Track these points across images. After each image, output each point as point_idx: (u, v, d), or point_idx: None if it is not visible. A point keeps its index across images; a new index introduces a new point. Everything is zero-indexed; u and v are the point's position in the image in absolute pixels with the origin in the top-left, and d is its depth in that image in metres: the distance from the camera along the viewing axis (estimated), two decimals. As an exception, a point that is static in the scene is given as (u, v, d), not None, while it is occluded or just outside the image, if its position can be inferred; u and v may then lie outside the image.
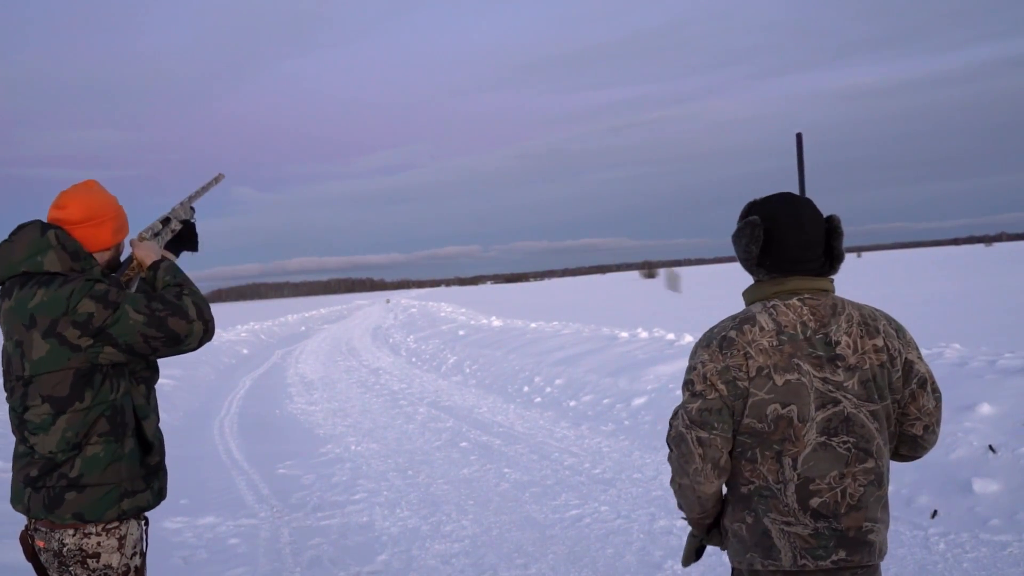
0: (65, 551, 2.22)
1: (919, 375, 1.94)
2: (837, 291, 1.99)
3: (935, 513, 4.56)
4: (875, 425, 1.87)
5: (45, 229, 2.28)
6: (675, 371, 8.75)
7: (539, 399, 9.70)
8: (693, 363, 1.93)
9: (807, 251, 1.93)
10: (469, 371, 12.91)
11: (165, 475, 2.45)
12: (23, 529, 2.32)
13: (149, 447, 2.34)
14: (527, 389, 10.32)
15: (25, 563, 2.33)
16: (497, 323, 19.40)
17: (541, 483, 5.94)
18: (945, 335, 10.11)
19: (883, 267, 61.77)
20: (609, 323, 16.46)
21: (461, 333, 18.02)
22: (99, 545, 2.23)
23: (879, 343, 1.89)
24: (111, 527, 2.25)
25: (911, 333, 2.03)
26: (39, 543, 2.26)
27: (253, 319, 37.03)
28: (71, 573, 2.22)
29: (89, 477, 2.21)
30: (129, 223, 2.51)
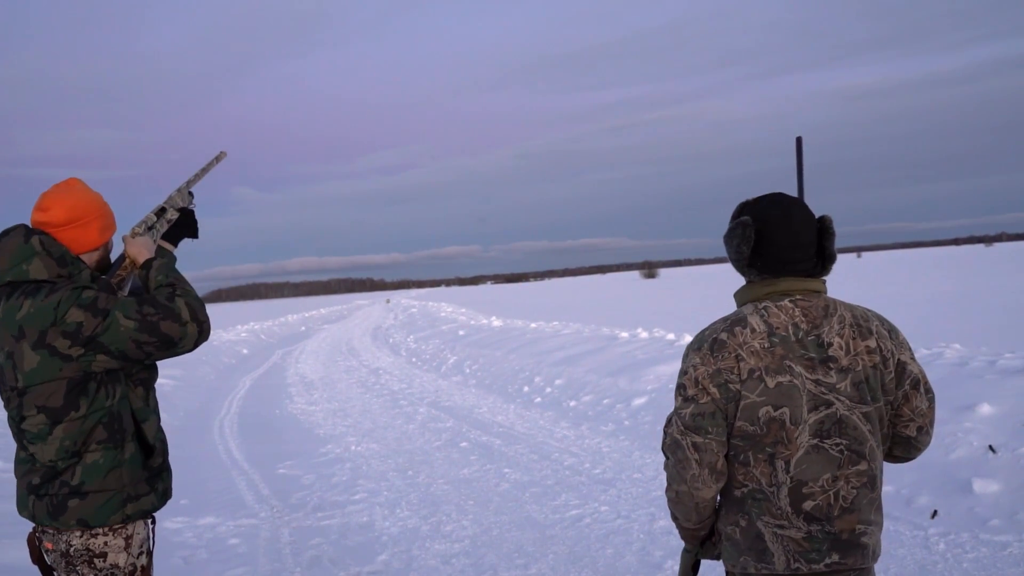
0: (72, 551, 2.22)
1: (912, 376, 1.92)
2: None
3: (935, 513, 4.56)
4: (868, 427, 1.86)
5: (29, 235, 2.21)
6: (675, 371, 8.73)
7: (539, 399, 9.70)
8: (685, 367, 1.92)
9: (798, 252, 1.91)
10: (469, 371, 12.91)
11: (169, 475, 2.43)
12: (30, 532, 2.31)
13: (150, 450, 2.32)
14: (527, 389, 10.32)
15: (25, 563, 2.33)
16: (497, 323, 19.40)
17: (541, 483, 5.94)
18: (945, 335, 10.11)
19: (883, 267, 61.77)
20: (609, 323, 16.46)
21: (461, 333, 18.01)
22: (106, 545, 2.23)
23: (872, 344, 1.87)
24: (117, 527, 2.25)
25: (906, 334, 2.01)
26: (47, 545, 2.26)
27: (253, 319, 37.04)
28: (78, 573, 2.22)
29: (91, 484, 2.19)
30: (120, 220, 2.45)
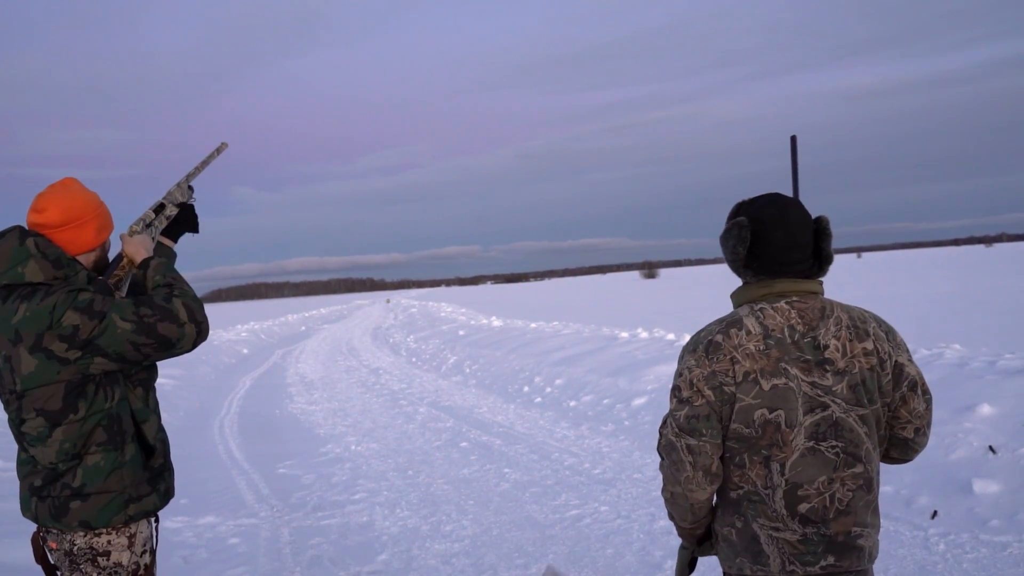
0: (76, 550, 2.22)
1: (910, 378, 1.91)
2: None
3: (935, 514, 4.56)
4: (864, 429, 1.85)
5: (24, 237, 2.20)
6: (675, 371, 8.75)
7: (539, 399, 9.70)
8: (680, 369, 1.91)
9: (795, 253, 1.90)
10: (469, 371, 12.91)
11: (171, 475, 2.42)
12: (34, 532, 2.32)
13: (151, 450, 2.32)
14: (527, 389, 10.32)
15: (28, 562, 2.33)
16: (497, 323, 19.40)
17: (541, 483, 5.94)
18: (945, 336, 10.11)
19: (883, 267, 61.77)
20: (609, 323, 16.46)
21: (461, 333, 18.02)
22: (109, 544, 2.23)
23: (869, 346, 1.86)
24: (120, 527, 2.25)
25: (906, 334, 2.00)
26: (51, 544, 2.26)
27: (253, 319, 37.05)
28: (82, 572, 2.22)
29: (92, 486, 2.19)
30: (120, 220, 2.43)
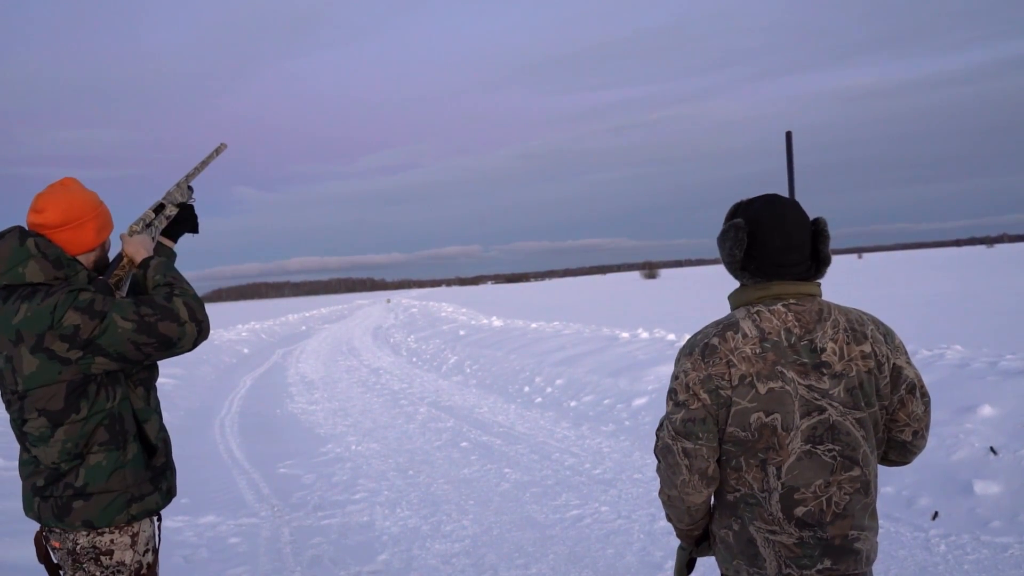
0: (79, 549, 2.22)
1: (908, 381, 1.90)
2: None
3: (936, 515, 4.55)
4: (861, 433, 1.84)
5: (24, 237, 2.20)
6: (676, 372, 8.75)
7: (540, 399, 9.70)
8: (676, 372, 1.91)
9: (791, 255, 1.89)
10: (470, 371, 12.91)
11: (173, 474, 2.43)
12: (37, 531, 2.32)
13: (153, 450, 2.32)
14: (528, 389, 10.32)
15: (30, 562, 2.33)
16: (498, 323, 19.40)
17: (542, 483, 5.94)
18: (946, 336, 10.10)
19: (884, 268, 61.76)
20: (610, 323, 16.46)
21: (462, 333, 18.01)
22: (112, 543, 2.24)
23: (866, 349, 1.85)
24: (123, 526, 2.25)
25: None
26: (54, 543, 2.26)
27: (254, 319, 37.08)
28: (85, 571, 2.23)
29: (94, 486, 2.19)
30: (121, 220, 2.43)
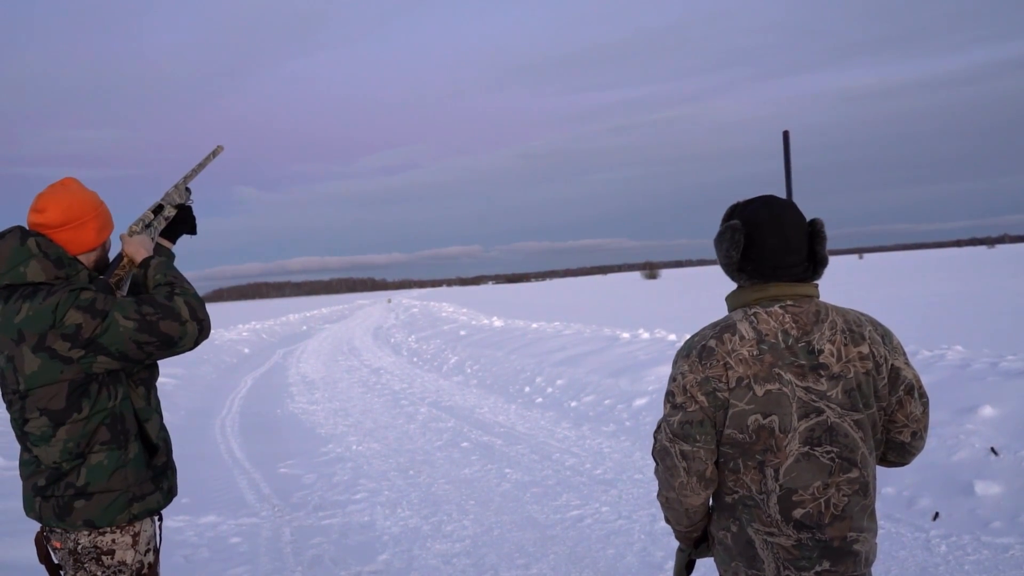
0: (80, 549, 2.23)
1: (906, 382, 1.90)
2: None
3: (937, 515, 4.55)
4: (860, 434, 1.84)
5: (25, 237, 2.21)
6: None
7: (540, 399, 9.70)
8: (673, 374, 1.90)
9: (788, 256, 1.88)
10: (470, 371, 12.91)
11: (174, 473, 2.43)
12: (38, 531, 2.32)
13: (154, 449, 2.33)
14: (528, 389, 10.32)
15: (30, 561, 2.33)
16: (498, 323, 19.40)
17: (542, 483, 5.94)
18: (947, 337, 10.09)
19: (885, 268, 61.74)
20: (610, 324, 16.46)
21: (462, 333, 18.02)
22: (113, 543, 2.24)
23: (864, 350, 1.85)
24: (125, 525, 2.26)
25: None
26: (55, 544, 2.26)
27: (254, 318, 37.10)
28: (86, 570, 2.23)
29: (96, 485, 2.19)
30: (121, 219, 2.44)
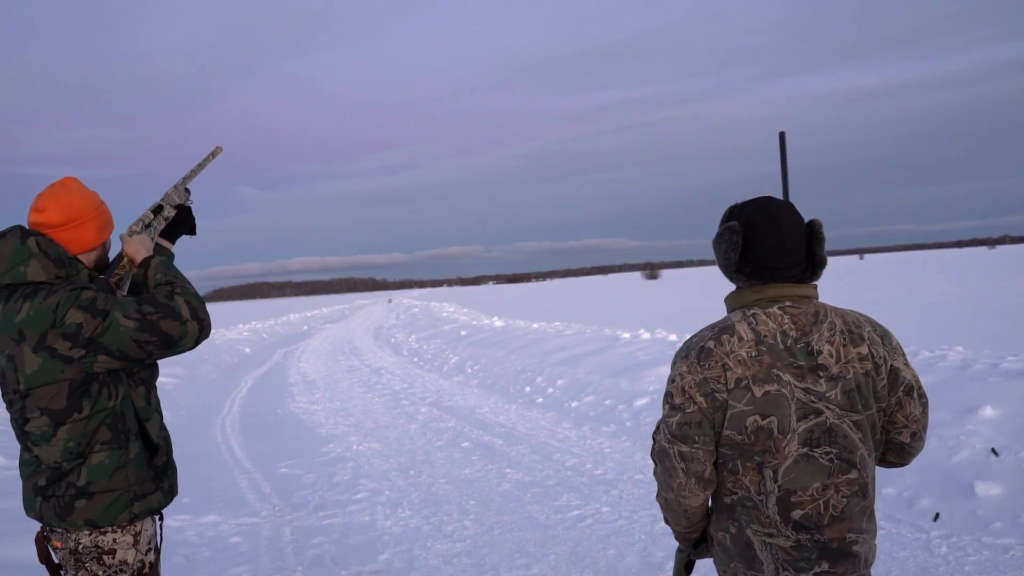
0: (81, 549, 2.23)
1: (906, 383, 1.89)
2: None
3: (937, 516, 4.55)
4: (859, 435, 1.84)
5: (26, 236, 2.21)
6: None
7: (541, 400, 9.70)
8: (672, 375, 1.91)
9: (786, 257, 1.88)
10: (471, 371, 12.91)
11: (175, 472, 2.44)
12: (39, 531, 2.32)
13: (155, 448, 2.33)
14: (529, 390, 10.32)
15: (30, 561, 2.33)
16: (499, 323, 19.40)
17: (543, 484, 5.94)
18: (948, 338, 10.09)
19: (886, 269, 61.72)
20: (611, 324, 16.46)
21: (463, 333, 18.02)
22: (114, 542, 2.24)
23: (863, 351, 1.85)
24: (126, 525, 2.26)
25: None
26: (56, 543, 2.26)
27: (255, 318, 37.10)
28: (87, 570, 2.23)
29: (97, 485, 2.19)
30: (121, 219, 2.44)
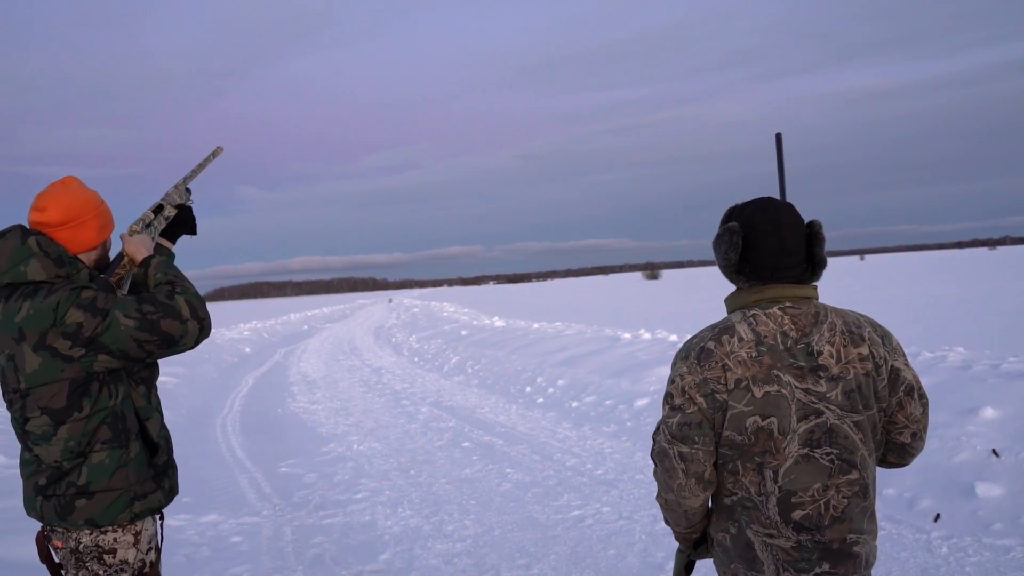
0: (82, 548, 2.23)
1: (906, 383, 1.89)
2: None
3: (938, 517, 4.55)
4: (859, 436, 1.83)
5: (26, 236, 2.20)
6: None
7: (541, 400, 9.70)
8: (672, 376, 1.90)
9: (786, 258, 1.88)
10: (471, 371, 12.91)
11: (175, 472, 2.44)
12: (39, 531, 2.32)
13: (155, 448, 2.33)
14: (529, 390, 10.32)
15: (30, 560, 2.33)
16: (499, 323, 19.40)
17: (543, 484, 5.94)
18: (949, 338, 10.09)
19: (886, 270, 61.71)
20: (612, 324, 16.47)
21: (463, 333, 18.02)
22: (115, 541, 2.24)
23: (864, 351, 1.85)
24: (126, 524, 2.26)
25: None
26: (56, 543, 2.26)
27: (256, 318, 37.10)
28: (88, 569, 2.23)
29: (97, 484, 2.20)
30: (122, 218, 2.45)
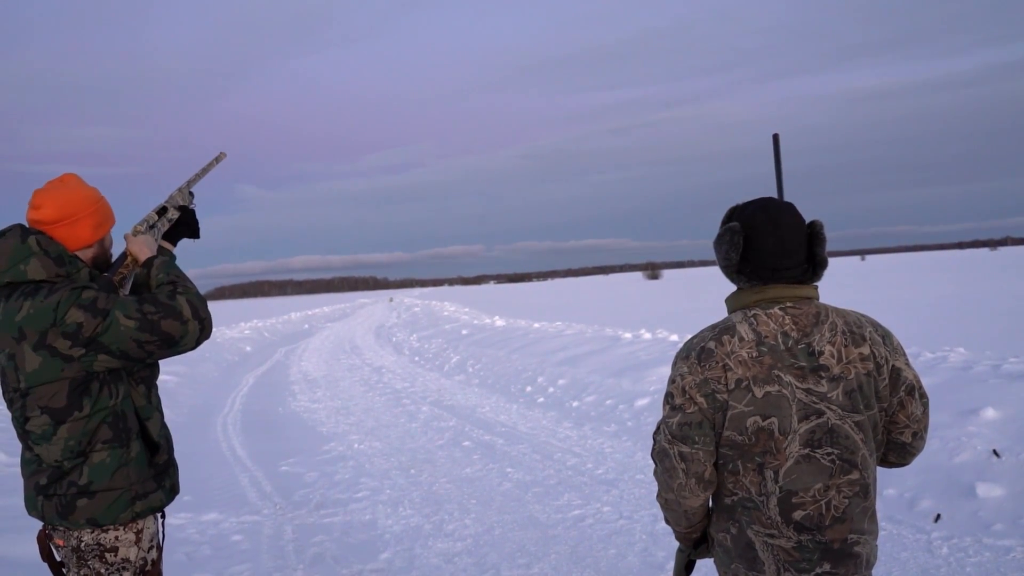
0: (83, 547, 2.23)
1: (907, 383, 1.89)
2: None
3: (938, 517, 4.55)
4: (860, 436, 1.83)
5: (26, 235, 2.20)
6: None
7: (542, 399, 9.70)
8: (672, 376, 1.91)
9: (786, 258, 1.88)
10: (472, 370, 12.91)
11: (176, 471, 2.44)
12: (40, 530, 2.33)
13: (156, 447, 2.33)
14: (530, 389, 10.32)
15: (31, 558, 2.34)
16: (500, 323, 19.40)
17: (544, 483, 5.94)
18: (949, 339, 10.08)
19: (887, 270, 61.69)
20: (612, 324, 16.46)
21: (464, 332, 18.02)
22: (117, 540, 2.24)
23: (865, 351, 1.85)
24: (128, 523, 2.26)
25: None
26: (58, 541, 2.26)
27: (256, 317, 37.12)
28: (90, 568, 2.23)
29: (98, 484, 2.20)
30: (125, 217, 2.44)
